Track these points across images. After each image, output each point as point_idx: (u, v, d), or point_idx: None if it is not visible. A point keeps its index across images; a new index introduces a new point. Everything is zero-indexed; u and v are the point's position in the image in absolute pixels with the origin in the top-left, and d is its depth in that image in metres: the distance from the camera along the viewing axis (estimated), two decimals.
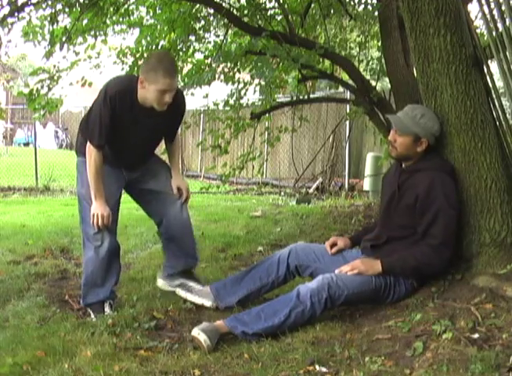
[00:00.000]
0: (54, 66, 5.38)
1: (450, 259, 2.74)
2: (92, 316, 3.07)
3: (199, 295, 3.06)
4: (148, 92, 2.92)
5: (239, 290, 3.01)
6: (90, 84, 5.43)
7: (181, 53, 5.55)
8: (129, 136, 3.05)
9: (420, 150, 2.80)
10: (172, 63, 3.03)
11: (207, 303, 3.02)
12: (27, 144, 19.76)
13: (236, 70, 5.34)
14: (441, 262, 2.73)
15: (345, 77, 6.11)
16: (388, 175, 3.06)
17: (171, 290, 3.22)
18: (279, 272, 3.00)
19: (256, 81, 5.38)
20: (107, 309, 3.08)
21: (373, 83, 5.16)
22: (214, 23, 5.68)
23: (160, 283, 3.30)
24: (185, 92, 5.14)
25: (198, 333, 2.56)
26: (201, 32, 5.60)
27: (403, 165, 2.90)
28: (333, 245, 3.06)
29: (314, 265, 2.99)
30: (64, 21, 5.13)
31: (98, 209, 3.01)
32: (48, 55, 5.14)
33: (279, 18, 5.44)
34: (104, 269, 3.10)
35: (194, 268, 3.33)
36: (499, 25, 2.74)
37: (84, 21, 5.11)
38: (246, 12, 5.19)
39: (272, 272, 3.01)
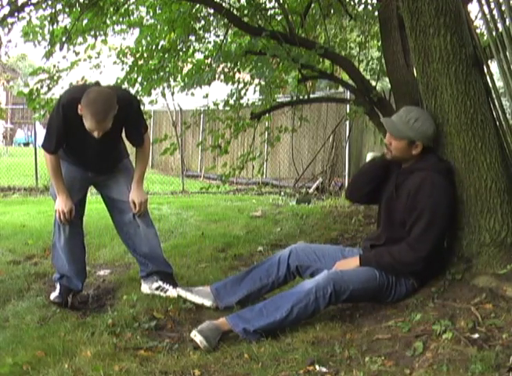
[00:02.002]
0: (54, 66, 5.38)
1: (429, 258, 2.71)
2: (57, 292, 3.24)
3: (199, 295, 3.06)
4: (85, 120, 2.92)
5: (239, 290, 3.01)
6: None
7: (181, 53, 5.54)
8: (83, 143, 3.09)
9: (415, 152, 2.81)
10: (104, 105, 2.86)
11: (207, 303, 3.03)
12: (27, 144, 19.77)
13: (236, 70, 5.33)
14: (416, 260, 2.71)
15: (345, 77, 6.10)
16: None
17: (150, 293, 3.28)
18: (280, 272, 3.00)
19: (256, 81, 5.38)
20: (69, 299, 3.21)
21: (373, 83, 5.16)
22: (214, 23, 5.68)
23: (142, 287, 3.37)
24: (185, 92, 5.18)
25: (195, 335, 2.57)
26: (201, 32, 5.60)
27: (402, 166, 2.90)
28: None
29: (315, 265, 2.98)
30: (64, 21, 5.14)
31: (59, 205, 3.16)
32: (48, 55, 5.14)
33: (279, 18, 5.44)
34: (68, 256, 3.26)
35: (170, 272, 3.39)
36: (499, 25, 2.74)
37: (84, 21, 5.11)
38: (246, 12, 5.19)
39: (272, 272, 3.01)
